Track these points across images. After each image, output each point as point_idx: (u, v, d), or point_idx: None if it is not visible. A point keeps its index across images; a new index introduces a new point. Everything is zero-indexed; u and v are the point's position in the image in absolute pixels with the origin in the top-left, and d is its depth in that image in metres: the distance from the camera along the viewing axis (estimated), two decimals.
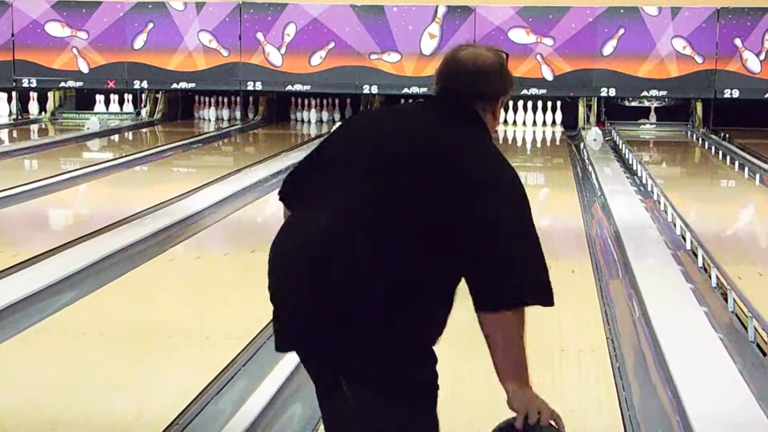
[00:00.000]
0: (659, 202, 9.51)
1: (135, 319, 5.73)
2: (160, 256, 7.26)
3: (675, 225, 8.40)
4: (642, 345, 5.39)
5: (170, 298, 6.30)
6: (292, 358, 4.96)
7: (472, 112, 2.97)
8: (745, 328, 5.59)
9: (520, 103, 16.61)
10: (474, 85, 2.98)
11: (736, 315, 5.88)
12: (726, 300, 6.12)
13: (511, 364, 2.78)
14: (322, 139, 3.16)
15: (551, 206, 10.47)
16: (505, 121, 16.62)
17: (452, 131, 2.92)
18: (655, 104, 16.54)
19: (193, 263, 7.26)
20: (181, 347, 5.25)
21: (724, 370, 4.86)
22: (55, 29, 16.40)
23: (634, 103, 16.50)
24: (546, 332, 5.37)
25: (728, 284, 6.22)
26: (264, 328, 5.30)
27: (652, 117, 16.61)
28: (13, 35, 16.44)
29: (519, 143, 15.53)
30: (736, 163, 12.73)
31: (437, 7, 15.86)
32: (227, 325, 5.59)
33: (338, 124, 15.14)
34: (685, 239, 7.84)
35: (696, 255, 7.29)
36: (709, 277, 6.67)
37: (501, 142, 15.53)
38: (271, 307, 2.89)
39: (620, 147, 14.01)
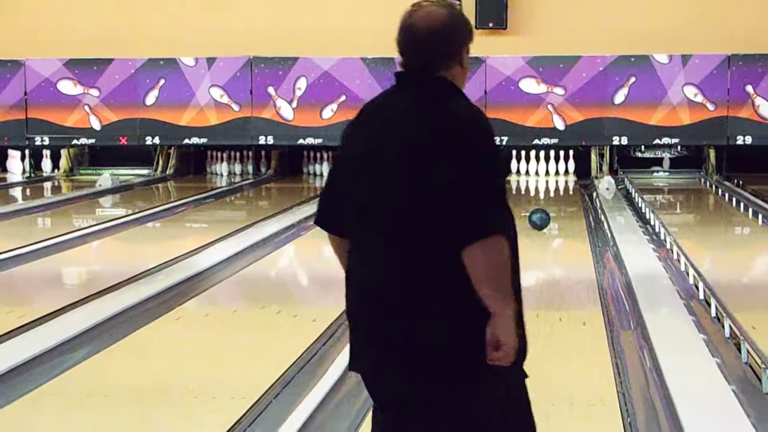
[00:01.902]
0: (672, 251, 9.44)
1: (140, 380, 5.67)
2: (168, 314, 7.22)
3: (688, 274, 8.32)
4: (653, 398, 5.31)
5: (177, 358, 6.25)
6: (298, 417, 4.92)
7: (436, 78, 3.10)
8: (759, 380, 5.51)
9: (533, 153, 16.59)
10: (432, 48, 3.11)
11: (750, 366, 5.80)
12: (739, 351, 6.04)
13: (496, 288, 2.96)
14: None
15: (563, 256, 10.42)
16: (518, 171, 16.60)
17: (417, 109, 3.06)
18: (668, 155, 16.48)
19: (201, 321, 7.21)
20: (188, 407, 5.19)
21: (737, 424, 4.77)
22: (68, 87, 16.49)
23: (647, 154, 16.45)
24: (556, 385, 5.31)
25: (741, 335, 6.14)
26: (271, 387, 5.24)
27: (666, 164, 16.55)
28: (26, 94, 16.53)
29: (532, 193, 15.49)
30: (750, 210, 12.65)
31: None
32: (234, 385, 5.53)
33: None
34: (698, 288, 7.76)
35: (709, 304, 7.21)
36: (722, 327, 6.59)
37: (514, 192, 15.50)
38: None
39: (633, 195, 13.96)
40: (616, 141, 15.87)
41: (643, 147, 16.38)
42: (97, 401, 5.32)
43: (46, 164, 17.33)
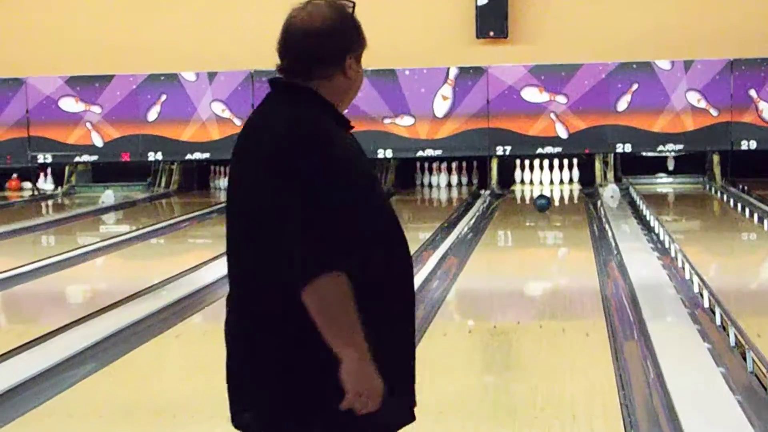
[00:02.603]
0: (676, 259, 9.37)
1: (138, 399, 5.62)
2: (168, 331, 7.17)
3: (692, 282, 8.24)
4: (657, 410, 5.24)
5: (174, 376, 6.20)
6: None
7: (301, 88, 2.84)
8: (765, 389, 5.44)
9: (536, 162, 16.52)
10: (306, 52, 2.84)
11: (756, 375, 5.72)
12: (745, 359, 5.97)
13: (334, 333, 2.66)
14: None
15: (568, 266, 10.37)
16: (522, 181, 16.53)
17: (258, 126, 2.82)
18: (673, 153, 16.35)
19: (199, 339, 7.15)
20: (185, 427, 5.14)
21: None
22: (69, 104, 16.46)
23: (651, 153, 16.33)
24: (557, 398, 5.25)
25: (747, 343, 6.07)
26: None
27: (670, 163, 16.38)
28: (27, 112, 16.51)
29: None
30: (755, 215, 12.57)
31: (449, 68, 15.85)
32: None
33: None
34: (702, 296, 7.69)
35: (714, 313, 7.14)
36: (728, 335, 6.52)
37: (519, 201, 15.44)
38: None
39: (637, 203, 13.89)
40: (619, 148, 15.81)
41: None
42: (96, 421, 5.27)
43: (49, 182, 17.30)
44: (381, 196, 2.90)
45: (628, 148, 15.78)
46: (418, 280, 8.69)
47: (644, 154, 16.39)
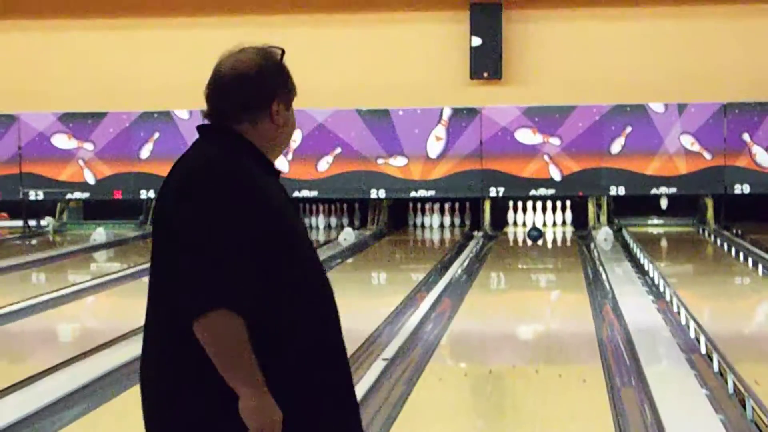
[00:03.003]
0: (671, 303, 9.32)
1: None
2: None
3: (688, 327, 8.19)
4: None
5: None
6: None
7: (223, 131, 2.86)
8: None
9: (529, 203, 16.49)
10: (231, 97, 2.87)
11: (755, 423, 5.66)
12: (744, 407, 5.91)
13: (225, 370, 2.66)
14: None
15: (562, 309, 10.31)
16: (515, 222, 16.50)
17: (185, 161, 2.85)
18: (666, 192, 16.24)
19: None
20: None
21: None
22: (62, 141, 16.41)
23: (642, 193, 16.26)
24: None
25: (745, 390, 6.01)
26: None
27: (663, 202, 16.30)
28: (20, 148, 16.45)
29: (529, 244, 15.37)
30: (750, 259, 12.54)
31: (443, 109, 15.84)
32: None
33: (345, 229, 14.93)
34: (699, 342, 7.63)
35: (711, 358, 7.08)
36: (726, 382, 6.46)
37: (511, 243, 15.40)
38: None
39: (631, 245, 13.86)
40: (613, 191, 15.79)
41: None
42: None
43: (41, 219, 17.21)
44: (298, 245, 2.85)
45: (621, 190, 15.76)
46: (412, 322, 8.64)
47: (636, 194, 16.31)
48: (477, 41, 15.86)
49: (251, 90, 2.86)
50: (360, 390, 6.28)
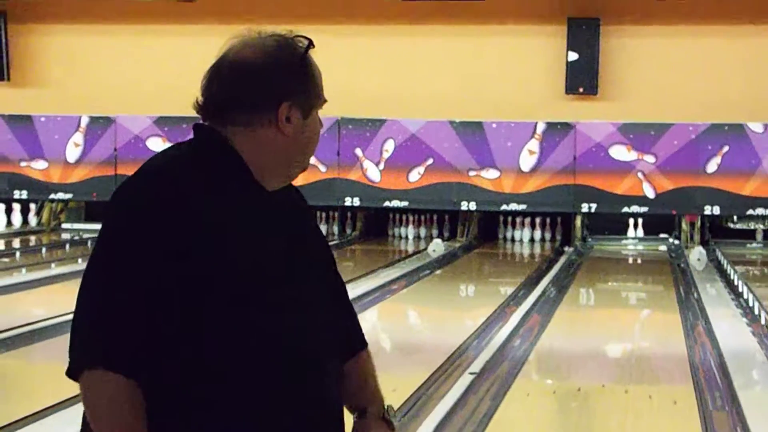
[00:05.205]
0: (767, 327, 9.14)
1: None
2: None
3: None
4: None
5: None
6: None
7: (205, 134, 2.30)
8: None
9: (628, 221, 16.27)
10: (226, 89, 2.28)
11: None
12: None
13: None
14: None
15: (652, 328, 10.16)
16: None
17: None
18: (761, 226, 16.02)
19: None
20: None
21: None
22: (156, 144, 16.60)
23: (738, 225, 16.04)
24: None
25: None
26: None
27: (759, 235, 16.09)
28: (116, 150, 16.68)
29: (620, 261, 15.20)
30: None
31: (537, 123, 15.73)
32: None
33: (435, 241, 14.86)
34: None
35: None
36: None
37: (604, 260, 15.22)
38: None
39: (725, 267, 13.62)
40: (707, 211, 15.54)
41: (735, 218, 16.01)
42: None
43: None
44: (254, 282, 2.25)
45: (716, 210, 15.50)
46: (500, 337, 8.56)
47: (732, 226, 16.03)
48: (573, 56, 15.73)
49: (253, 85, 2.27)
50: (446, 404, 6.24)
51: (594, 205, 15.59)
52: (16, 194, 16.90)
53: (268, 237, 2.29)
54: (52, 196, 16.93)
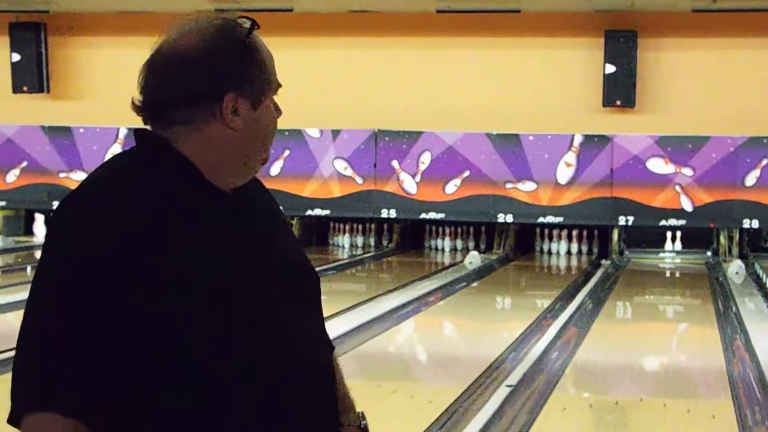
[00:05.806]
0: None
1: None
2: None
3: None
4: None
5: None
6: None
7: (147, 138, 2.08)
8: None
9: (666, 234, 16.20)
10: (163, 85, 2.05)
11: None
12: None
13: None
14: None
15: (690, 342, 10.10)
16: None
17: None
18: None
19: None
20: None
21: None
22: None
23: None
24: None
25: None
26: None
27: None
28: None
29: (657, 274, 15.13)
30: None
31: (574, 135, 15.69)
32: None
33: (471, 253, 14.82)
34: None
35: None
36: None
37: (642, 273, 15.16)
38: None
39: (764, 281, 13.52)
40: (746, 224, 15.44)
41: None
42: None
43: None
44: (228, 300, 2.01)
45: (755, 224, 15.41)
46: (537, 350, 8.54)
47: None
48: (611, 68, 15.69)
49: (189, 78, 2.03)
50: (483, 416, 6.23)
51: (631, 218, 15.53)
52: (55, 205, 17.02)
53: (235, 245, 2.06)
54: None
